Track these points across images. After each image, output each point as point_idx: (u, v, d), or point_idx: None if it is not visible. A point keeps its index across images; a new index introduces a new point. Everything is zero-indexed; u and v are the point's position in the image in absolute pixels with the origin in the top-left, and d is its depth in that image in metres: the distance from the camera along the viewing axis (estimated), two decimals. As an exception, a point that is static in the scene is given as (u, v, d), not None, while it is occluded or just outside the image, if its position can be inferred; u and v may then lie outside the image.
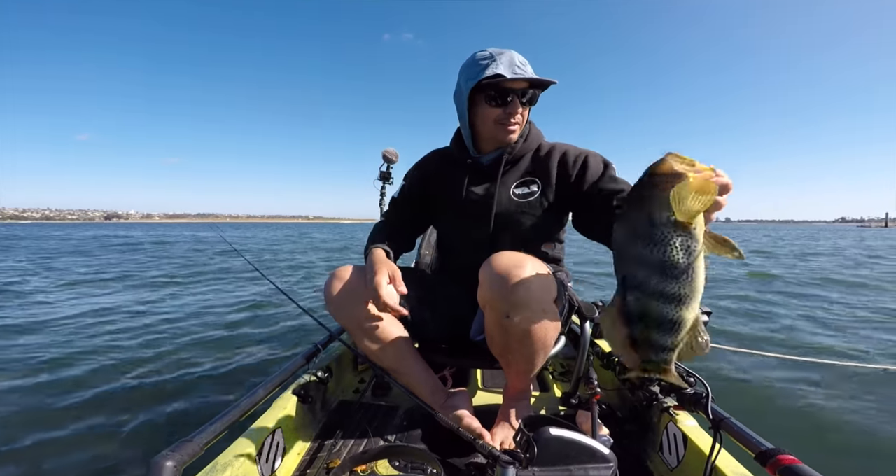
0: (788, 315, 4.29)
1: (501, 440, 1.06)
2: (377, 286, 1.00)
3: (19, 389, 2.44)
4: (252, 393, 1.02)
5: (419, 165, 1.36)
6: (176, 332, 3.73)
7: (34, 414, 2.12)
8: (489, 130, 1.15)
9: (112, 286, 6.35)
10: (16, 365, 2.81)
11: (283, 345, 3.29)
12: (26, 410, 2.16)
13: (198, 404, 2.18)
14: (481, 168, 1.22)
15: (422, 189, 1.32)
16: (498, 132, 1.14)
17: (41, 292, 5.72)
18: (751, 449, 0.78)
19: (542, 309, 0.96)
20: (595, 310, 1.32)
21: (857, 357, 2.72)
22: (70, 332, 3.68)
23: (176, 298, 5.39)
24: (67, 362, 2.87)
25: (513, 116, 1.11)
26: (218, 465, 0.84)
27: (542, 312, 0.97)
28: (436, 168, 1.32)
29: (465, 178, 1.23)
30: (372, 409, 1.33)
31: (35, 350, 3.13)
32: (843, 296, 5.51)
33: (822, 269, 8.71)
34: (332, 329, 1.32)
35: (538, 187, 1.17)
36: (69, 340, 3.40)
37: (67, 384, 2.50)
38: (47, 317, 4.21)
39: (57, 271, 8.15)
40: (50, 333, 3.63)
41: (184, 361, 2.88)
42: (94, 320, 4.09)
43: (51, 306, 4.80)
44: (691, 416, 1.02)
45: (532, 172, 1.19)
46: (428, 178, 1.31)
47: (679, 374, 0.91)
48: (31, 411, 2.15)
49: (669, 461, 1.00)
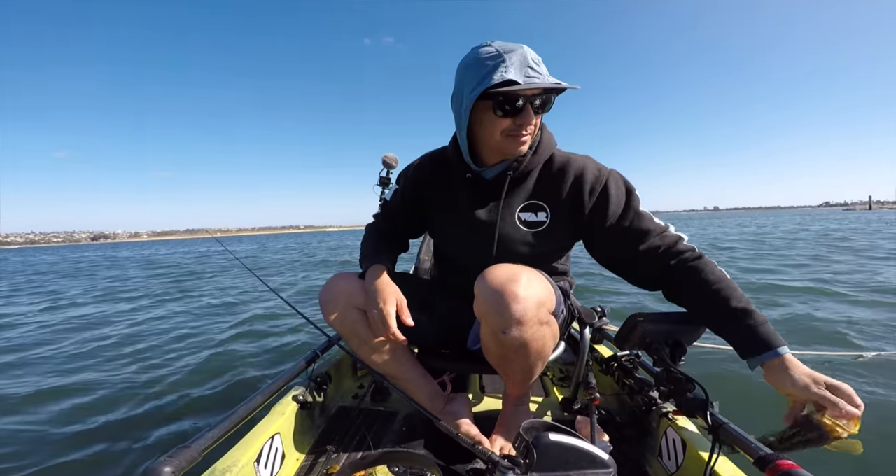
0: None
1: (501, 446, 1.05)
2: (387, 317, 1.00)
3: (19, 394, 2.43)
4: (251, 399, 1.01)
5: (413, 173, 1.22)
6: (176, 340, 3.72)
7: (31, 422, 2.11)
8: (495, 142, 1.00)
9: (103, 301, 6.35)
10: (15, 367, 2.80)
11: (282, 351, 3.29)
12: (24, 417, 2.15)
13: (196, 411, 2.17)
14: (483, 184, 1.09)
15: (415, 197, 1.21)
16: (506, 145, 0.99)
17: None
18: (750, 454, 0.78)
19: (538, 322, 0.93)
20: (594, 315, 1.32)
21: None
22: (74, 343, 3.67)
23: (177, 306, 5.38)
24: (69, 370, 2.86)
25: (524, 128, 0.96)
26: (216, 471, 0.83)
27: (539, 326, 0.93)
28: (431, 177, 1.18)
29: (465, 195, 1.11)
30: (371, 415, 1.32)
31: (39, 356, 3.12)
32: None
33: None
34: (331, 335, 1.32)
35: (547, 216, 1.05)
36: (68, 350, 3.39)
37: (66, 392, 2.49)
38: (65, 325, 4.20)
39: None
40: (54, 343, 3.62)
41: (183, 369, 2.87)
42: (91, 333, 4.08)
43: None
44: (690, 422, 1.02)
45: (541, 195, 1.06)
46: (422, 188, 1.19)
47: (677, 378, 0.92)
48: (29, 420, 2.14)
49: (668, 466, 1.00)
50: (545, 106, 0.97)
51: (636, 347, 0.99)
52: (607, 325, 1.49)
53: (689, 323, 0.95)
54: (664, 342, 0.94)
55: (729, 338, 0.86)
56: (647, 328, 0.93)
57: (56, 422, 2.08)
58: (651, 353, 0.96)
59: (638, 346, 0.97)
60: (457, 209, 1.13)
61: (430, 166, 1.19)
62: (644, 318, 0.94)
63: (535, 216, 1.06)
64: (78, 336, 4.08)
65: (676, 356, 0.94)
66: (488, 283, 0.91)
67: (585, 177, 1.03)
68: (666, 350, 0.94)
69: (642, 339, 0.95)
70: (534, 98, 0.93)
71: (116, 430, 1.97)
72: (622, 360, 1.34)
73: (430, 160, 1.21)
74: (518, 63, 0.90)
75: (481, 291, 0.93)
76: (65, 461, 1.69)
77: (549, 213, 1.05)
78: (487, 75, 0.90)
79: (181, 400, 2.31)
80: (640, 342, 0.96)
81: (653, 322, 0.94)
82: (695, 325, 0.95)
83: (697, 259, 0.94)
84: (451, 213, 1.14)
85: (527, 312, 0.89)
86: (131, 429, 1.97)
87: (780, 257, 8.31)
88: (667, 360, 0.93)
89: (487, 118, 0.97)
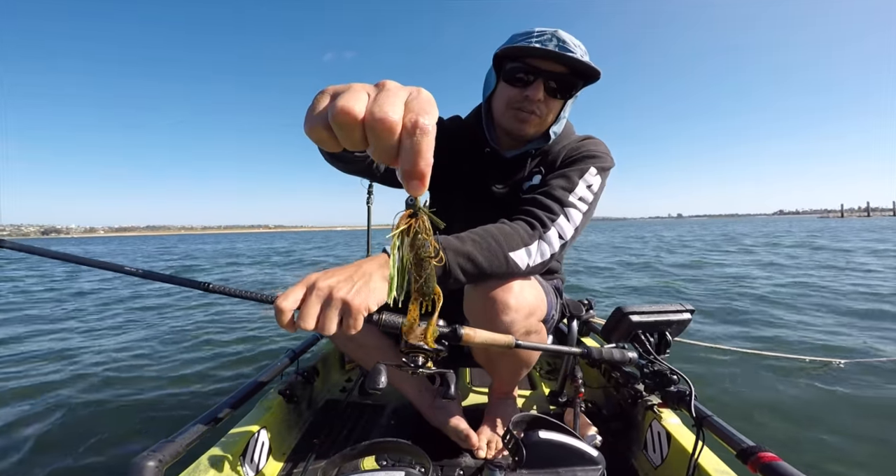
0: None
1: (488, 439, 1.05)
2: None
3: (10, 390, 2.38)
4: (237, 393, 1.00)
5: (440, 125, 1.08)
6: (160, 336, 3.67)
7: (19, 417, 2.06)
8: (499, 114, 0.98)
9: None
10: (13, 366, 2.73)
11: (268, 345, 3.26)
12: (12, 413, 2.11)
13: (181, 406, 2.15)
14: (502, 162, 1.05)
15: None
16: (509, 119, 0.96)
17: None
18: (732, 446, 0.79)
19: (526, 331, 0.90)
20: (582, 307, 1.33)
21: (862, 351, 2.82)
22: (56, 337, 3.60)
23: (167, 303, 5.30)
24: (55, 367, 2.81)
25: (530, 103, 0.92)
26: (201, 466, 0.82)
27: (526, 335, 0.90)
28: (454, 138, 1.08)
29: (481, 169, 1.07)
30: (359, 409, 1.32)
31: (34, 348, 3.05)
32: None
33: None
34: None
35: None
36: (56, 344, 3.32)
37: (51, 386, 2.45)
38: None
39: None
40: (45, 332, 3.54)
41: (167, 367, 2.83)
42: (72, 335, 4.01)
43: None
44: (675, 414, 1.03)
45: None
46: (440, 143, 1.11)
47: (663, 371, 0.93)
48: (17, 414, 2.10)
49: (653, 459, 1.01)
50: (565, 90, 0.93)
51: (622, 340, 1.00)
52: (594, 318, 1.50)
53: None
54: (649, 334, 0.96)
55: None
56: (632, 320, 0.94)
57: (27, 421, 2.04)
58: (636, 345, 0.97)
59: (624, 338, 0.98)
60: (468, 183, 1.08)
61: (451, 133, 1.07)
62: (630, 311, 0.95)
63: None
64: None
65: (661, 348, 0.95)
66: (479, 287, 0.86)
67: (571, 146, 1.01)
68: (651, 342, 0.95)
69: (628, 332, 0.96)
70: (550, 77, 0.90)
71: (96, 425, 1.94)
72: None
73: (451, 125, 1.14)
74: (547, 37, 0.89)
75: (471, 295, 0.89)
76: (46, 463, 1.66)
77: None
78: (510, 41, 0.91)
79: (163, 393, 2.29)
80: (626, 335, 0.97)
81: (638, 314, 0.95)
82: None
83: (518, 221, 0.88)
84: (461, 186, 1.09)
85: (515, 323, 0.86)
86: (112, 425, 1.94)
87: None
88: (651, 352, 0.94)
89: (500, 88, 0.96)
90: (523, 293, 0.87)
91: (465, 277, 0.77)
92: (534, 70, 0.90)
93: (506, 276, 0.84)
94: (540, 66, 0.89)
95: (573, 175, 0.94)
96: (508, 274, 0.83)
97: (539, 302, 0.92)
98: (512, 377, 1.06)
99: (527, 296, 0.88)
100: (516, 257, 0.82)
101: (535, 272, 0.88)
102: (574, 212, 0.91)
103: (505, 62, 0.93)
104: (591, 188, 0.95)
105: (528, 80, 0.91)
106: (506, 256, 0.81)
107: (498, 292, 0.85)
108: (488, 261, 0.79)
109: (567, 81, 0.92)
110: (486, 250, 0.79)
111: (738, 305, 4.29)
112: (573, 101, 0.99)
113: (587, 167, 0.96)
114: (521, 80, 0.91)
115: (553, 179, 0.95)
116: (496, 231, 0.82)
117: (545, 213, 0.89)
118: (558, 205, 0.91)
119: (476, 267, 0.78)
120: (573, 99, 0.99)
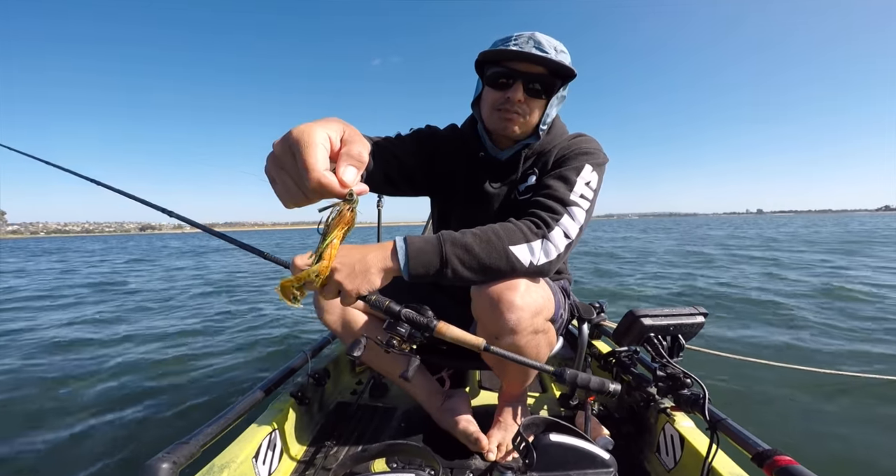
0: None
1: (498, 442, 1.05)
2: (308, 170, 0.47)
3: (17, 385, 2.43)
4: (249, 395, 1.01)
5: (436, 133, 1.15)
6: (176, 337, 3.72)
7: (33, 416, 2.11)
8: (486, 117, 1.02)
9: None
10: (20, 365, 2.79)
11: (280, 348, 3.28)
12: (25, 412, 2.15)
13: (196, 408, 2.17)
14: (496, 164, 1.08)
15: (431, 152, 1.11)
16: (494, 120, 0.99)
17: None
18: (747, 450, 0.78)
19: (532, 331, 0.90)
20: (593, 311, 1.32)
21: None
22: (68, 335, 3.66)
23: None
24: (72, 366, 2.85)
25: (511, 104, 0.95)
26: (215, 467, 0.83)
27: (533, 335, 0.91)
28: (448, 146, 1.12)
29: (476, 172, 1.09)
30: (370, 411, 1.32)
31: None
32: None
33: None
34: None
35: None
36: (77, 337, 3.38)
37: (67, 385, 2.49)
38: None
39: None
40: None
41: (181, 367, 2.86)
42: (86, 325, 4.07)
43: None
44: (688, 417, 1.02)
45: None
46: (439, 153, 1.12)
47: (676, 375, 0.92)
48: (30, 413, 2.14)
49: (666, 462, 1.00)
50: (542, 90, 0.96)
51: (634, 343, 0.99)
52: (605, 321, 1.49)
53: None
54: (662, 338, 0.95)
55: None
56: (645, 324, 0.93)
57: (41, 421, 2.07)
58: (649, 348, 0.96)
59: (636, 341, 0.97)
60: (465, 186, 1.10)
61: (446, 141, 1.13)
62: (642, 314, 0.94)
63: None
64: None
65: (674, 352, 0.94)
66: (486, 288, 0.87)
67: (564, 147, 1.03)
68: (664, 346, 0.94)
69: (640, 335, 0.95)
70: (529, 78, 0.94)
71: (112, 427, 1.97)
72: (620, 356, 1.35)
73: (447, 134, 1.16)
74: (523, 41, 0.93)
75: (478, 295, 0.90)
76: (61, 464, 1.69)
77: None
78: (492, 46, 0.95)
79: (178, 395, 2.32)
80: (638, 338, 0.96)
81: (651, 318, 0.94)
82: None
83: (525, 218, 0.89)
84: (458, 190, 1.12)
85: (521, 322, 0.86)
86: (127, 427, 1.97)
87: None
88: (664, 355, 0.93)
89: (485, 92, 1.00)
90: (529, 292, 0.87)
91: (463, 269, 0.79)
92: (513, 72, 0.94)
93: (508, 273, 0.84)
94: (518, 69, 0.93)
95: (570, 174, 0.96)
96: (510, 269, 0.83)
97: (546, 301, 0.92)
98: (521, 377, 1.06)
99: (533, 294, 0.88)
100: (517, 252, 0.83)
101: (541, 273, 0.88)
102: (577, 210, 0.92)
103: (486, 67, 0.98)
104: (589, 185, 0.96)
105: (509, 83, 0.94)
106: (506, 250, 0.82)
107: (503, 291, 0.85)
108: (486, 252, 0.80)
109: (546, 82, 0.95)
110: (485, 242, 0.81)
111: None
112: (559, 99, 1.02)
113: (582, 165, 0.98)
114: (502, 83, 0.95)
115: (551, 180, 0.96)
116: (498, 227, 0.84)
117: (548, 213, 0.90)
118: (561, 205, 0.91)
119: (474, 258, 0.79)
120: (559, 98, 1.01)
